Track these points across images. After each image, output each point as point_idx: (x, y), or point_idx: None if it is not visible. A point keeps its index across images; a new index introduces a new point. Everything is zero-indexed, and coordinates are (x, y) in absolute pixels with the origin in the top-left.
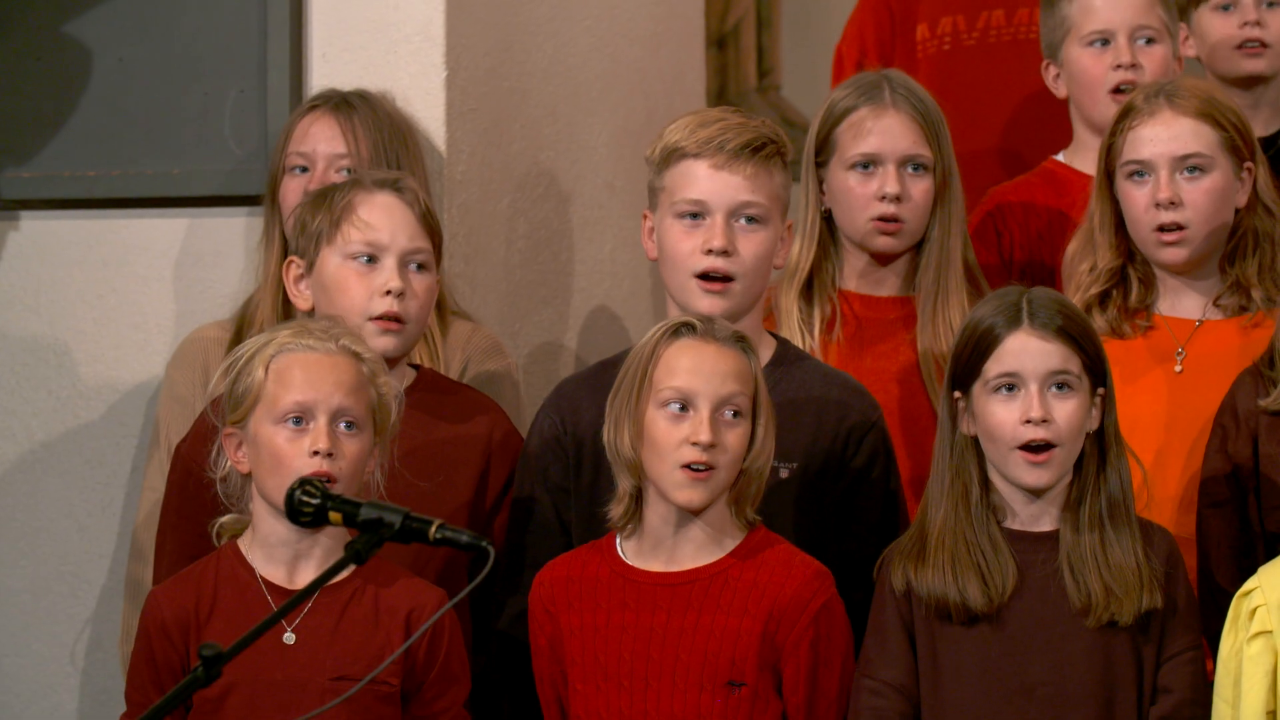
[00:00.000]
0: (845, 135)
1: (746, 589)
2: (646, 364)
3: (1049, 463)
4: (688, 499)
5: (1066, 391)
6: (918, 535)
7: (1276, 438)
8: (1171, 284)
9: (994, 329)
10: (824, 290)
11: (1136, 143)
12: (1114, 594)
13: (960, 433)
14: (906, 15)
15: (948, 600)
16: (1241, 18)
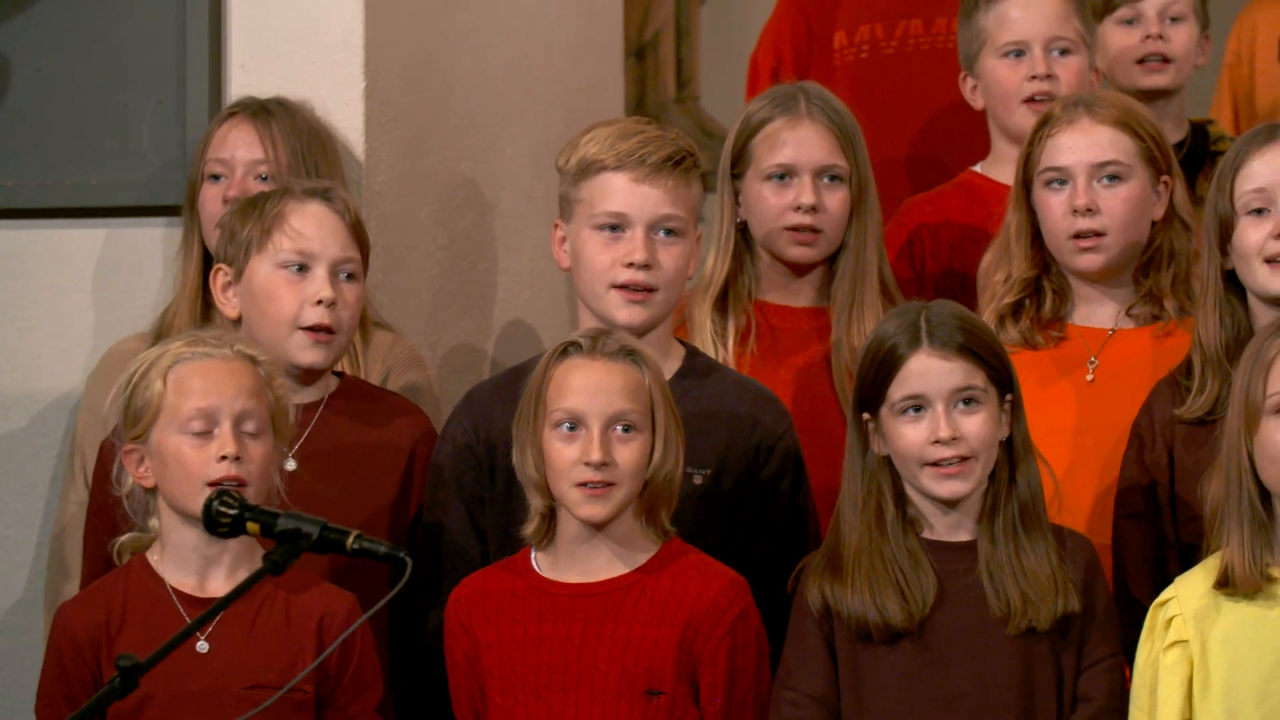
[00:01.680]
0: (761, 146)
1: (663, 598)
2: (539, 386)
3: (964, 474)
4: (588, 515)
5: (974, 406)
6: (833, 553)
7: (1193, 448)
8: (1085, 294)
9: (895, 350)
10: (739, 301)
11: (1055, 150)
12: (1030, 600)
13: (872, 452)
14: (824, 24)
15: (868, 621)
16: (1144, 31)
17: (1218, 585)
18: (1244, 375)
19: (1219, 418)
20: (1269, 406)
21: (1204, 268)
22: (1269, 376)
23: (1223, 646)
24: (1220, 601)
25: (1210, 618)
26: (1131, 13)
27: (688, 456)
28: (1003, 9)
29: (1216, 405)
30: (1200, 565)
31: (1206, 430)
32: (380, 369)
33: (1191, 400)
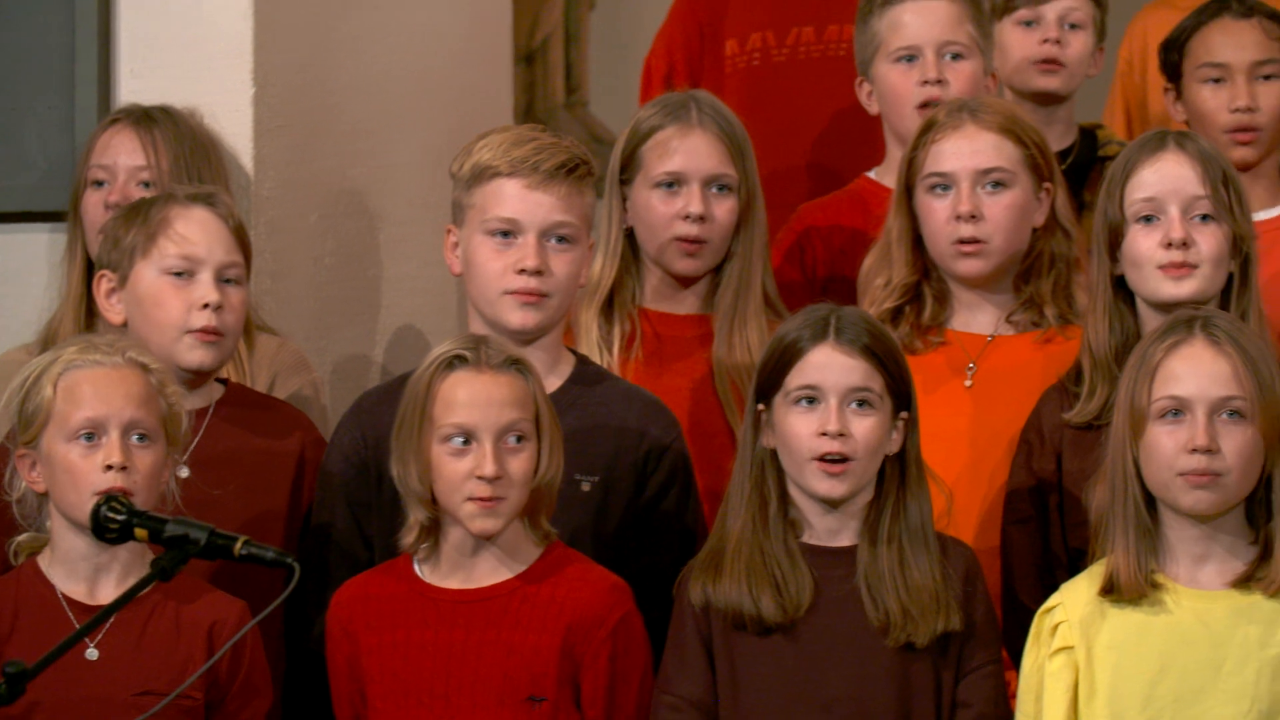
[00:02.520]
0: (650, 154)
1: (545, 604)
2: (424, 400)
3: (844, 475)
4: (481, 528)
5: (866, 409)
6: (716, 547)
7: (1081, 454)
8: (965, 299)
9: (800, 341)
10: (624, 308)
11: (938, 156)
12: (911, 616)
13: (761, 445)
14: (716, 30)
15: (743, 611)
16: (1043, 34)
17: (1103, 591)
18: (1129, 381)
19: (1107, 423)
20: (1154, 412)
21: (1093, 274)
22: (1154, 382)
23: (1108, 652)
24: (1105, 608)
25: (1095, 624)
26: (1031, 15)
27: (577, 463)
28: (896, 14)
29: (1105, 411)
30: (1086, 572)
31: (1095, 436)
32: (266, 375)
33: (1080, 406)
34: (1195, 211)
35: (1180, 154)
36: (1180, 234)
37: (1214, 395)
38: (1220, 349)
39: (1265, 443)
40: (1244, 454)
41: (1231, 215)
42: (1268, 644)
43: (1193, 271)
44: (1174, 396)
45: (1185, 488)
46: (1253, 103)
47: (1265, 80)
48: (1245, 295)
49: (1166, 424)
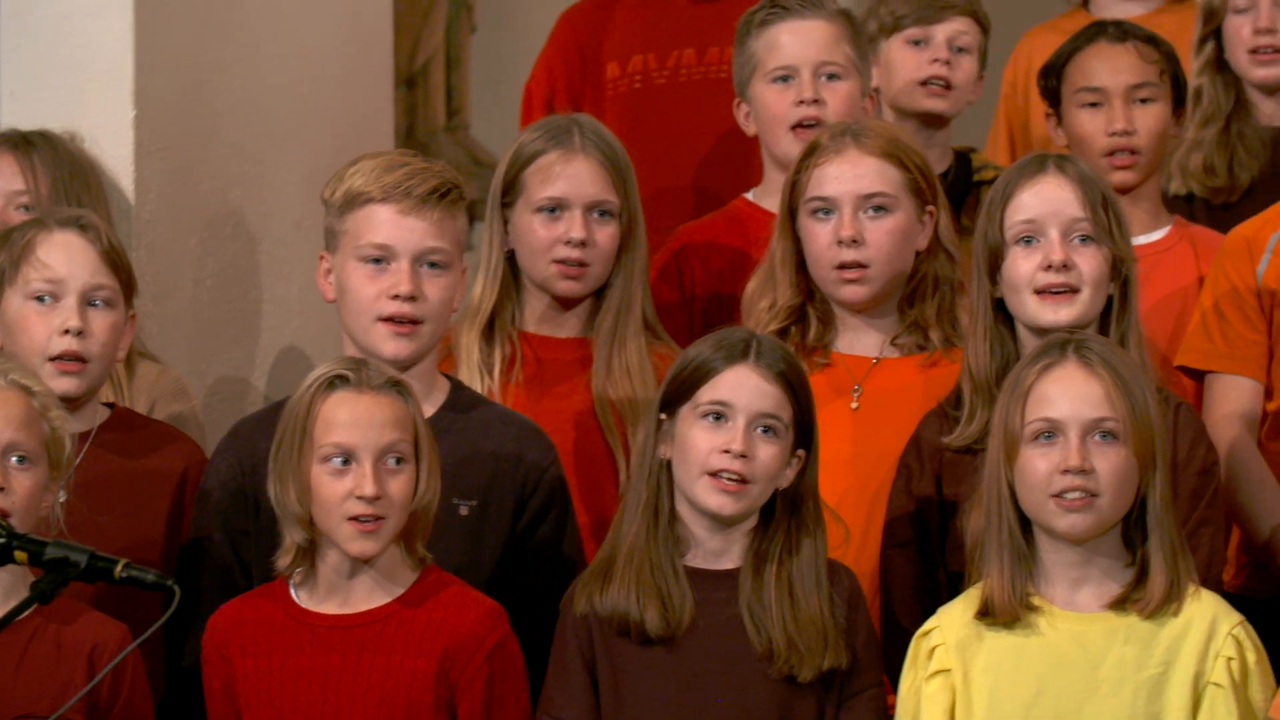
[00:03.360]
0: (533, 178)
1: (421, 628)
2: (304, 419)
3: (740, 495)
4: (360, 550)
5: (771, 436)
6: (607, 556)
7: (960, 477)
8: (850, 322)
9: (717, 358)
10: (504, 331)
11: (821, 180)
12: (797, 649)
13: (658, 457)
14: (596, 53)
15: (628, 618)
16: (932, 55)
17: (979, 614)
18: (1004, 404)
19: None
20: (1027, 434)
21: (973, 297)
22: (1026, 405)
23: (984, 675)
24: (982, 631)
25: (972, 647)
26: (921, 34)
27: (454, 488)
28: (773, 34)
29: (985, 435)
30: (963, 595)
31: (974, 459)
32: (146, 401)
33: (960, 430)
34: (1075, 233)
35: (1060, 176)
36: (1060, 256)
37: (1086, 416)
38: (1092, 371)
39: (1139, 464)
40: (1117, 475)
41: (1111, 238)
42: (1144, 665)
43: (1072, 296)
44: (1047, 419)
45: (1059, 511)
46: (1130, 126)
47: (1142, 104)
48: (1125, 318)
49: (1040, 446)
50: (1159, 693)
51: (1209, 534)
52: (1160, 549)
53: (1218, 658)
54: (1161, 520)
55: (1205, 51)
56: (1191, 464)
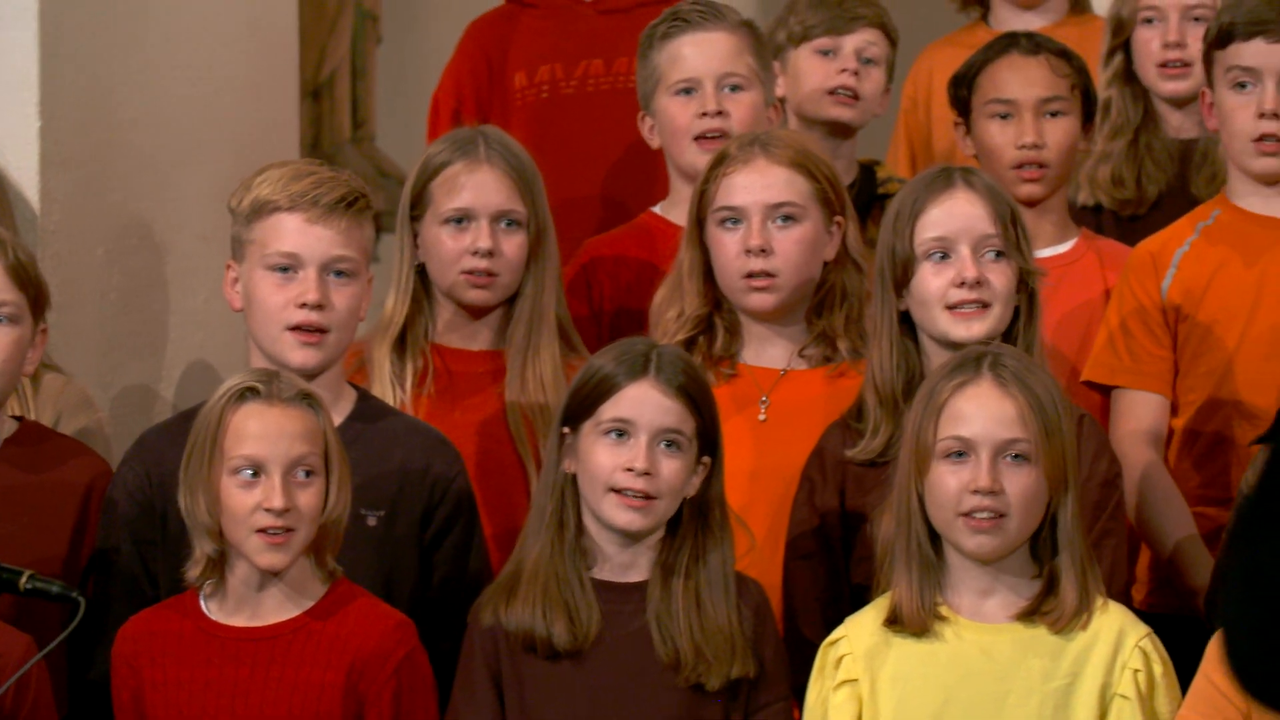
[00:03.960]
0: (439, 190)
1: (330, 641)
2: (215, 431)
3: (646, 510)
4: (268, 563)
5: (674, 450)
6: (513, 571)
7: (864, 490)
8: (757, 332)
9: (617, 374)
10: (416, 344)
11: (729, 189)
12: (705, 658)
13: (563, 471)
14: (503, 63)
15: (534, 634)
16: (840, 65)
17: (887, 624)
18: (916, 418)
19: (890, 460)
20: (939, 451)
21: (876, 309)
22: (940, 421)
23: (892, 685)
24: (890, 640)
25: (880, 656)
26: (830, 44)
27: (362, 498)
28: (675, 47)
29: (889, 447)
30: (871, 605)
31: (878, 472)
32: (51, 412)
33: (865, 443)
34: (986, 249)
35: (970, 192)
36: (973, 273)
37: (998, 437)
38: (1007, 390)
39: (1049, 484)
40: (1026, 496)
41: (1019, 252)
42: (1051, 676)
43: (984, 312)
44: (959, 437)
45: (967, 531)
46: (1040, 139)
47: (1052, 117)
48: (1031, 330)
49: (951, 464)
50: (1066, 704)
51: (1112, 545)
52: (1071, 565)
53: (1124, 669)
54: (1072, 537)
55: (1114, 64)
56: (1094, 476)
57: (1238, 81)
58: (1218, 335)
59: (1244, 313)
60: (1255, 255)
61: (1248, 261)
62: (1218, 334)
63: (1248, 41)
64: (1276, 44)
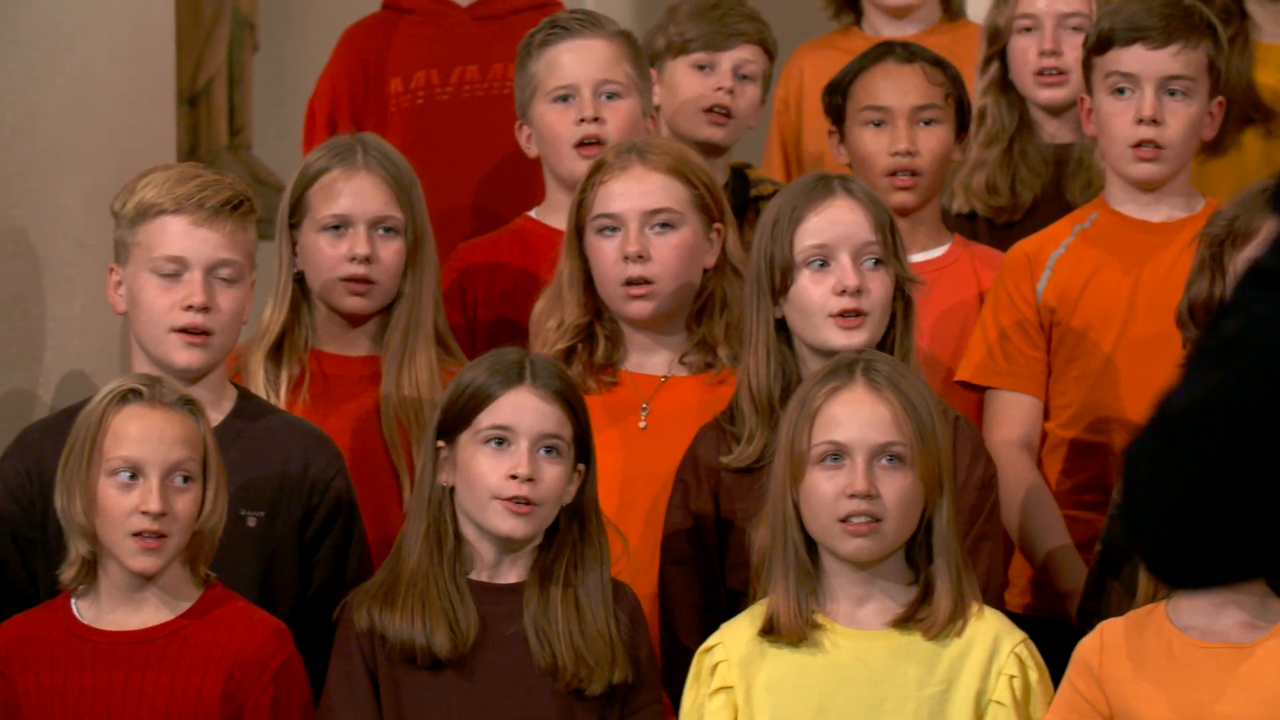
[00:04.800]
0: (317, 197)
1: (206, 647)
2: (95, 432)
3: (529, 517)
4: (141, 567)
5: (554, 456)
6: (388, 580)
7: (739, 495)
8: (638, 340)
9: (492, 383)
10: (294, 351)
11: (607, 197)
12: (584, 663)
13: (439, 483)
14: (379, 69)
15: (414, 645)
16: (717, 82)
17: (762, 632)
18: (790, 424)
19: (765, 465)
20: (813, 456)
21: (752, 316)
22: (814, 426)
23: (767, 692)
24: (765, 648)
25: (755, 664)
26: (707, 60)
27: (241, 498)
28: (553, 54)
29: (764, 454)
30: (746, 611)
31: (752, 479)
32: None
33: (740, 450)
34: (865, 257)
35: (849, 199)
36: (854, 281)
37: (873, 441)
38: (880, 394)
39: (925, 488)
40: (902, 500)
41: (896, 259)
42: (926, 683)
43: (864, 320)
44: (833, 441)
45: (844, 535)
46: (913, 147)
47: (926, 125)
48: (907, 337)
49: (826, 469)
50: (941, 710)
51: (988, 549)
52: (946, 571)
53: (1000, 675)
54: (947, 542)
55: (990, 72)
56: (970, 480)
57: (1117, 87)
58: (1092, 339)
59: (1119, 318)
60: (1131, 260)
61: (1124, 266)
62: (1092, 338)
63: (1127, 48)
64: (1156, 50)
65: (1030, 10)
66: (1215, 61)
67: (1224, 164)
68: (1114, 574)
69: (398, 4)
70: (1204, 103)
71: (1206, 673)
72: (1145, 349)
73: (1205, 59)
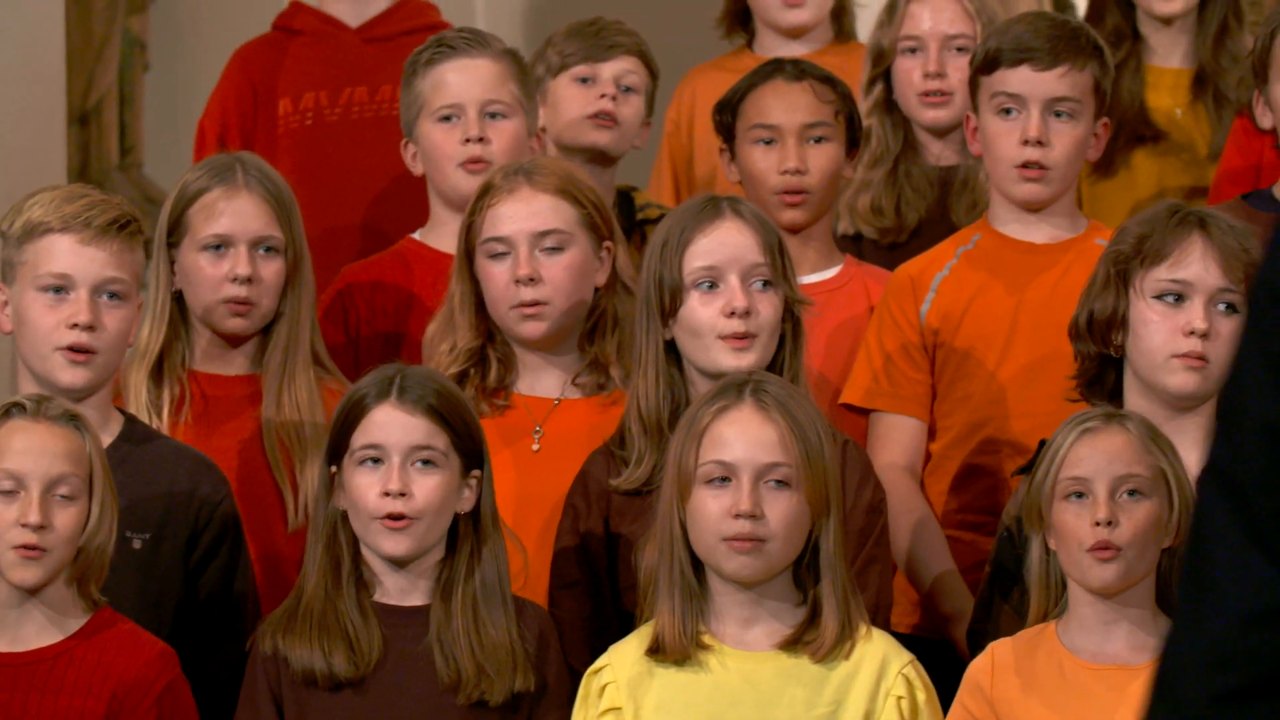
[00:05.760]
0: (197, 216)
1: (91, 669)
2: None
3: (407, 531)
4: (20, 579)
5: (430, 468)
6: (292, 605)
7: (629, 517)
8: (530, 362)
9: (365, 400)
10: (173, 371)
11: (496, 220)
12: (486, 673)
13: (333, 505)
14: (269, 90)
15: (315, 669)
16: (599, 91)
17: (650, 652)
18: (677, 444)
19: (656, 487)
20: (700, 476)
21: (641, 338)
22: (701, 446)
23: (655, 713)
24: (653, 668)
25: (643, 684)
26: (589, 72)
27: (128, 521)
28: (439, 74)
29: (653, 476)
30: (635, 632)
31: (642, 501)
32: None
33: (629, 472)
34: (754, 278)
35: (738, 221)
36: (743, 303)
37: (760, 461)
38: (768, 415)
39: (811, 509)
40: (788, 521)
41: (786, 281)
42: (814, 705)
43: (753, 342)
44: (720, 461)
45: (728, 554)
46: (802, 165)
47: (816, 143)
48: (796, 359)
49: (713, 489)
50: None
51: (877, 571)
52: (833, 593)
53: (888, 696)
54: (834, 564)
55: (875, 93)
56: (859, 503)
57: (1003, 107)
58: (975, 360)
59: (1001, 339)
60: (1014, 281)
61: (1007, 287)
62: (975, 359)
63: (1014, 68)
64: (1042, 72)
65: (915, 31)
66: (1101, 83)
67: (1115, 184)
68: (1003, 595)
69: (288, 25)
70: (1089, 124)
71: (1098, 694)
72: (1029, 370)
73: (1092, 80)
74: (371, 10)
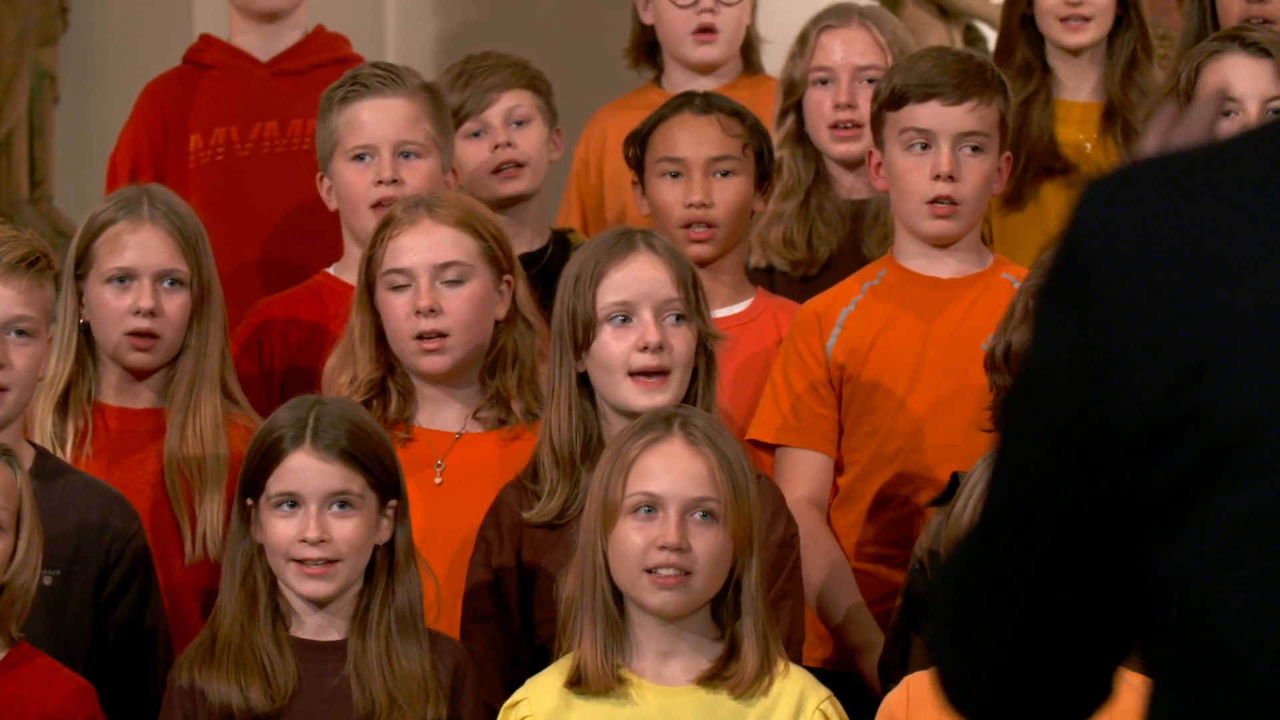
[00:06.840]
0: (103, 249)
1: (9, 705)
2: None
3: (328, 575)
4: None
5: (348, 510)
6: (206, 640)
7: (543, 550)
8: (431, 395)
9: (281, 443)
10: (79, 404)
11: (396, 252)
12: (398, 704)
13: (250, 539)
14: (180, 125)
15: (231, 703)
16: (492, 140)
17: (569, 684)
18: (603, 475)
19: (568, 521)
20: (626, 507)
21: (554, 371)
22: (628, 477)
23: None
24: (572, 700)
25: (562, 717)
26: (477, 125)
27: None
28: (354, 112)
29: (565, 509)
30: (554, 664)
31: (556, 534)
32: None
33: (541, 505)
34: (668, 313)
35: (652, 255)
36: (656, 337)
37: (688, 495)
38: (697, 449)
39: (735, 544)
40: (713, 555)
41: (699, 315)
42: None
43: (666, 379)
44: (647, 493)
45: (651, 587)
46: (708, 198)
47: (723, 176)
48: (709, 393)
49: (638, 520)
50: None
51: (790, 606)
52: (753, 629)
53: None
54: (755, 601)
55: (786, 125)
56: (772, 537)
57: (913, 143)
58: (882, 395)
59: (908, 373)
60: (920, 316)
61: (913, 322)
62: (882, 393)
63: (923, 104)
64: (951, 107)
65: (825, 63)
66: (1005, 117)
67: (1024, 218)
68: (915, 627)
69: (198, 59)
70: (996, 158)
71: None
72: (936, 403)
73: (998, 114)
74: (282, 44)
